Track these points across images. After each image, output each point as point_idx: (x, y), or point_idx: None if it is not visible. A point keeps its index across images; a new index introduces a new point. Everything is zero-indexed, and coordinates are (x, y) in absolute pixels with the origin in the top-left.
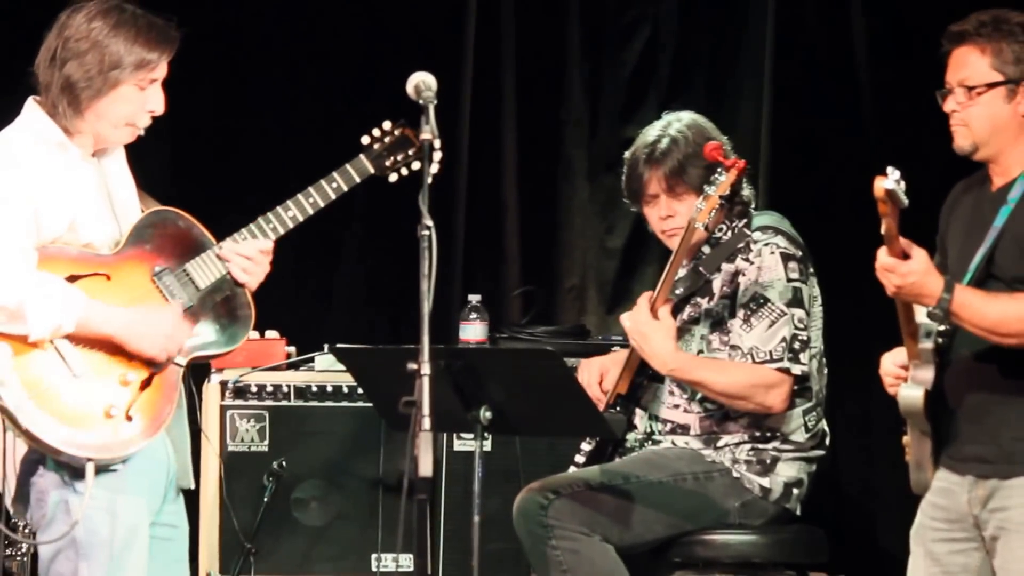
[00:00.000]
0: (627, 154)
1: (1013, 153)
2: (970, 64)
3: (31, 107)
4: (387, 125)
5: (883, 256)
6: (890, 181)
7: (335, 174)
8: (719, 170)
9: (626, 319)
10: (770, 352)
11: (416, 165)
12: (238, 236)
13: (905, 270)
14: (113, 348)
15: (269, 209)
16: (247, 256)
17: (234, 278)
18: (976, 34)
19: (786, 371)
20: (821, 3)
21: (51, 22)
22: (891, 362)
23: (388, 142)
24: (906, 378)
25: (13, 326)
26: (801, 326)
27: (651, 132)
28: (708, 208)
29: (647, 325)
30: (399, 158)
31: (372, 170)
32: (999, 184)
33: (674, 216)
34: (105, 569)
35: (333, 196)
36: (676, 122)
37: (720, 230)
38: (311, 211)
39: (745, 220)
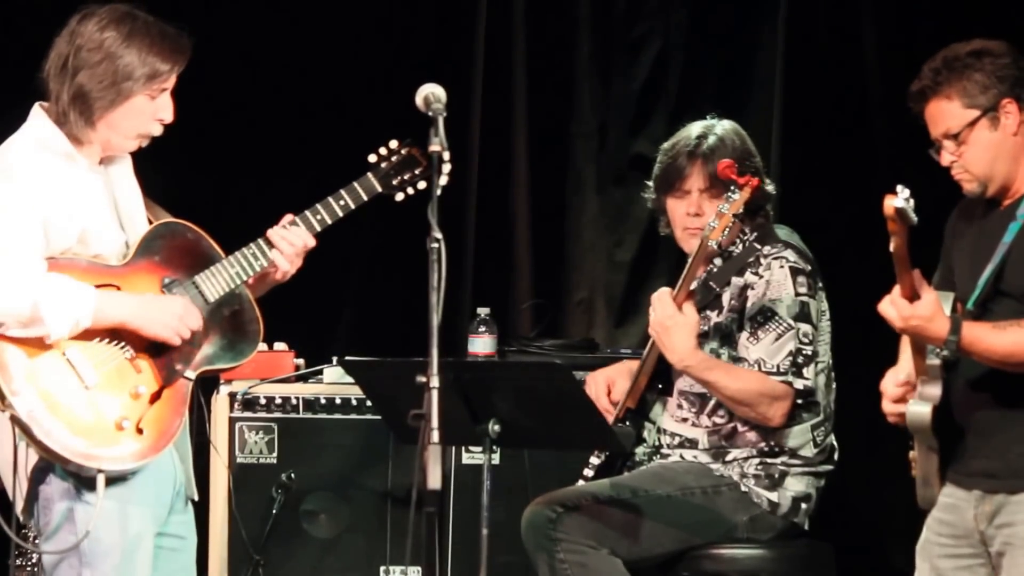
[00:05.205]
0: (665, 144)
1: (1019, 172)
2: (945, 114)
3: (38, 114)
4: (393, 144)
5: (884, 303)
6: (900, 199)
7: (342, 192)
8: (732, 188)
9: (654, 307)
10: (776, 366)
11: (423, 184)
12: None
13: (908, 313)
14: (124, 364)
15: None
16: (291, 243)
17: (276, 263)
18: (935, 84)
19: (789, 385)
20: (832, 18)
21: (61, 28)
22: (892, 382)
23: (395, 161)
24: (904, 399)
25: (32, 330)
26: (807, 340)
27: (694, 128)
28: (721, 226)
29: (671, 319)
30: (406, 177)
31: (379, 189)
32: (1007, 201)
33: (702, 215)
34: None
35: (340, 214)
36: (719, 126)
37: (733, 244)
38: (319, 228)
39: (757, 234)
